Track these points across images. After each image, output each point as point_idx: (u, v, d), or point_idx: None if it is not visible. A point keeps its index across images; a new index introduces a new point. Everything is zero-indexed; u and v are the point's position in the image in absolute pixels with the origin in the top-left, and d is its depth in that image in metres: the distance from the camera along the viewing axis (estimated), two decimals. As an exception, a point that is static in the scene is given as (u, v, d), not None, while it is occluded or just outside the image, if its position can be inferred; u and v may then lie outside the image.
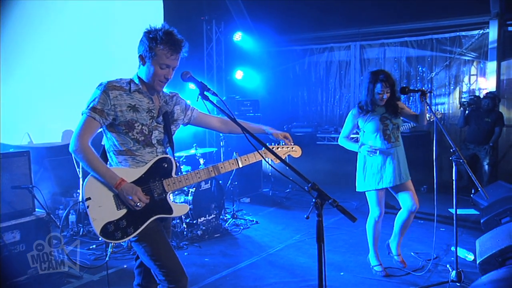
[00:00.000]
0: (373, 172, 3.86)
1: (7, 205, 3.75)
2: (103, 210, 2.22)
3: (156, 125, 2.37)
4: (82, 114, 2.23)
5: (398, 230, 4.03)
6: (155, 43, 2.21)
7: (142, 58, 2.28)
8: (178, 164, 2.54)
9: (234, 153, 2.49)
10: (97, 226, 2.20)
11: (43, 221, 3.91)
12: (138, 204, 2.22)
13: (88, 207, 2.21)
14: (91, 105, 2.22)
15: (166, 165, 2.37)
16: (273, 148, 2.56)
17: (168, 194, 2.35)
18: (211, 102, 2.21)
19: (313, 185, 1.76)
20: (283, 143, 2.61)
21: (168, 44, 2.22)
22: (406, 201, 3.89)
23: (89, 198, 2.21)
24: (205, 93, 2.21)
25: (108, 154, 2.36)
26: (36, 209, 3.99)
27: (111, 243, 2.24)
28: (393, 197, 4.02)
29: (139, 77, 2.35)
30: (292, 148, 2.62)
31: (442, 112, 8.03)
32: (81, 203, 1.85)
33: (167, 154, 2.43)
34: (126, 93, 2.28)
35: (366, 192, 3.95)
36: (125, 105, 2.26)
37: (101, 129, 2.32)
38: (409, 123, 4.69)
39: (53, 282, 3.81)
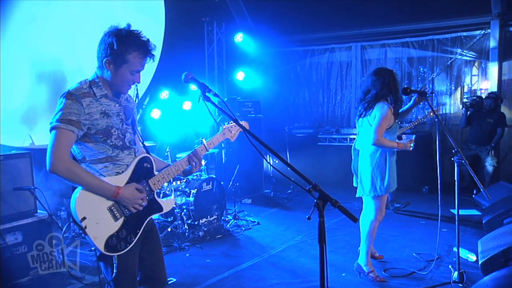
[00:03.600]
0: (394, 172, 3.84)
1: (9, 207, 3.76)
2: (101, 226, 2.12)
3: (127, 127, 2.31)
4: (54, 128, 2.03)
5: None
6: (127, 49, 2.10)
7: (108, 63, 2.14)
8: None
9: (201, 139, 2.68)
10: (100, 244, 2.09)
11: (45, 222, 3.93)
12: (143, 204, 2.22)
13: (85, 227, 2.06)
14: (65, 117, 2.03)
15: (148, 165, 2.33)
16: (225, 127, 2.69)
17: (155, 193, 2.35)
18: (213, 103, 2.21)
19: (315, 186, 1.75)
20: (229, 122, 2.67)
21: (142, 50, 2.14)
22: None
23: (84, 218, 2.07)
24: (207, 94, 2.21)
25: (80, 165, 2.19)
26: (38, 211, 4.00)
27: (114, 255, 2.16)
28: None
29: (101, 79, 2.22)
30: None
31: (444, 112, 8.03)
32: (72, 223, 1.73)
33: (145, 153, 2.38)
34: (95, 99, 2.16)
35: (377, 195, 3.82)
36: (97, 113, 2.14)
37: None
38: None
39: (54, 283, 3.81)
